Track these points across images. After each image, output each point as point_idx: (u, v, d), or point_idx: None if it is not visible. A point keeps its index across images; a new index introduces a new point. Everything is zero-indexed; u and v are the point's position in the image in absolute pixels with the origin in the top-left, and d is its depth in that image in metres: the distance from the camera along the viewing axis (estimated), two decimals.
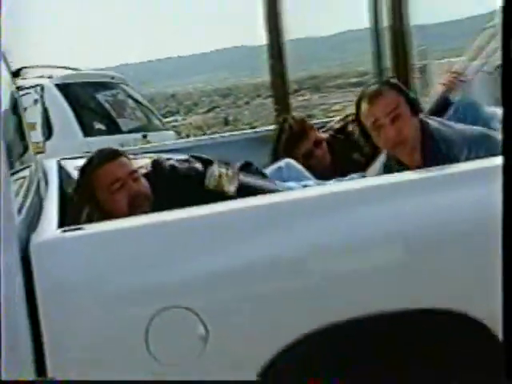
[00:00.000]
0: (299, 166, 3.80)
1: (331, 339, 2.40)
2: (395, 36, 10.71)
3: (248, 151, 4.08)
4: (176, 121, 30.58)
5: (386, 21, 10.50)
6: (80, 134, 7.85)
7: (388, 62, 11.02)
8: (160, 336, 2.28)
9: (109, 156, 3.03)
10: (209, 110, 34.03)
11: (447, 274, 2.48)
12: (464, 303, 2.48)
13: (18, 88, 7.31)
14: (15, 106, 3.78)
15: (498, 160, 1.90)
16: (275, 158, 3.96)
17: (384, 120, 3.03)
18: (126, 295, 2.31)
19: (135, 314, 2.31)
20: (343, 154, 3.91)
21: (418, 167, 2.96)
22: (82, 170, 3.11)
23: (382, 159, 3.33)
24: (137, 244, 2.35)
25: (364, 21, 11.27)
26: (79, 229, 2.35)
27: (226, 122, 30.22)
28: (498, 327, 2.44)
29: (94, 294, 2.29)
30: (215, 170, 2.70)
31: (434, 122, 3.21)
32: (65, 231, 2.34)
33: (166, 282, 2.32)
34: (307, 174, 3.76)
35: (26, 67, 8.16)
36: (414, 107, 3.13)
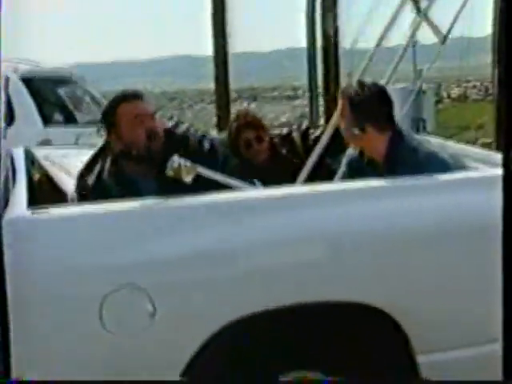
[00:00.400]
0: None
1: (254, 326, 2.52)
2: (327, 56, 10.97)
3: None
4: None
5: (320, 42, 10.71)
6: (40, 123, 8.00)
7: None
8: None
9: (132, 95, 3.16)
10: (155, 111, 33.83)
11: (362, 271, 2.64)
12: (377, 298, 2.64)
13: None
14: None
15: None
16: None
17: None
18: (83, 273, 2.39)
19: (91, 290, 2.39)
20: (282, 158, 3.99)
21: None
22: (111, 101, 3.21)
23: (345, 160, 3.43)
24: (95, 228, 2.45)
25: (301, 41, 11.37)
26: (46, 211, 2.43)
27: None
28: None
29: (53, 269, 2.37)
30: (175, 161, 2.78)
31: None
32: (33, 212, 2.41)
33: (121, 263, 2.42)
34: None
35: None
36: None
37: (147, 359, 2.44)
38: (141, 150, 3.06)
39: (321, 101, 11.40)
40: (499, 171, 2.20)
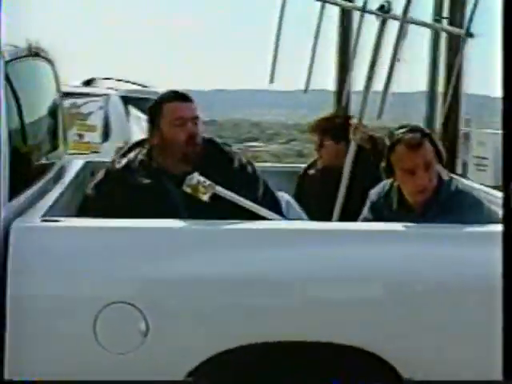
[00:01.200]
0: (296, 206, 3.68)
1: (240, 359, 2.48)
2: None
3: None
4: (256, 146, 30.79)
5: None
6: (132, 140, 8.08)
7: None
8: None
9: (181, 96, 3.20)
10: (287, 142, 34.14)
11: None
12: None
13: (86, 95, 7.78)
14: (54, 111, 3.93)
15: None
16: None
17: (420, 168, 2.99)
18: (80, 285, 2.42)
19: (86, 304, 2.41)
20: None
21: (421, 209, 3.02)
22: (160, 97, 3.28)
23: (382, 188, 3.27)
24: (98, 243, 2.47)
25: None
26: (56, 221, 2.48)
27: (300, 155, 30.22)
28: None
29: (52, 279, 2.41)
30: (195, 177, 2.79)
31: (455, 181, 3.19)
32: (44, 221, 2.45)
33: (117, 280, 2.43)
34: (303, 215, 3.64)
35: (97, 78, 8.48)
36: (440, 157, 3.09)
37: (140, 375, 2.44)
38: (176, 150, 3.09)
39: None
40: None
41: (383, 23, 4.31)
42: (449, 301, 2.54)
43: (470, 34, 4.11)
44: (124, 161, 3.16)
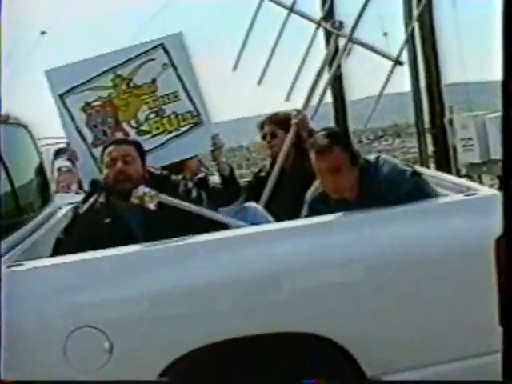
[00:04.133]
0: (265, 213, 3.73)
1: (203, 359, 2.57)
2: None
3: None
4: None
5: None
6: None
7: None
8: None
9: (117, 141, 3.35)
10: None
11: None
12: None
13: None
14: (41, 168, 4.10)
15: None
16: None
17: (327, 172, 3.01)
18: (49, 316, 2.54)
19: (56, 330, 2.53)
20: None
21: (354, 197, 3.02)
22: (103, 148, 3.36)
23: (308, 196, 3.27)
24: (59, 278, 2.60)
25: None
26: (20, 264, 2.60)
27: None
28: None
29: (25, 314, 2.53)
30: (140, 189, 2.89)
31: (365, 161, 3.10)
32: (9, 266, 2.59)
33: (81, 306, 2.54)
34: (270, 217, 3.67)
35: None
36: (355, 158, 3.04)
37: None
38: (111, 188, 3.19)
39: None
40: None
41: (335, 39, 4.46)
42: None
43: (398, 62, 4.25)
44: (86, 205, 3.27)
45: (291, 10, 4.46)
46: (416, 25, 10.32)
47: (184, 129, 3.78)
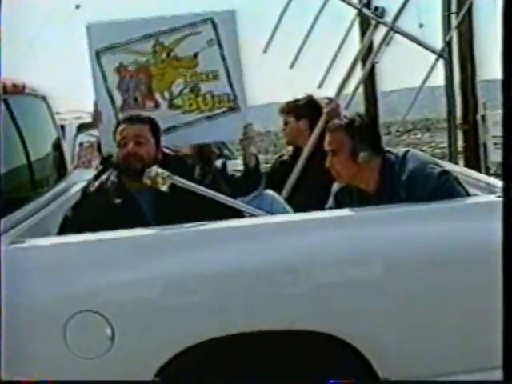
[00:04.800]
0: (282, 202, 3.58)
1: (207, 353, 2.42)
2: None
3: None
4: None
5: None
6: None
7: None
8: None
9: (129, 119, 3.12)
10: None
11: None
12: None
13: None
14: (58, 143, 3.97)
15: None
16: None
17: (328, 152, 2.88)
18: (49, 299, 2.38)
19: (56, 315, 2.38)
20: None
21: (376, 192, 2.84)
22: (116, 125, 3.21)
23: (334, 188, 3.09)
24: (61, 258, 2.45)
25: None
26: (22, 242, 2.46)
27: None
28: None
29: (24, 295, 2.38)
30: (153, 169, 2.72)
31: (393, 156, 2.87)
32: (11, 243, 2.45)
33: (82, 289, 2.38)
34: (288, 208, 3.52)
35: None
36: (373, 149, 2.84)
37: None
38: (121, 168, 3.04)
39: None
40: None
41: (374, 26, 4.27)
42: None
43: (441, 56, 4.06)
44: (97, 183, 3.12)
45: None
46: (454, 18, 10.07)
47: (218, 111, 3.57)
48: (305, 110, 3.95)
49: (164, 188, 2.70)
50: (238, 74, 3.56)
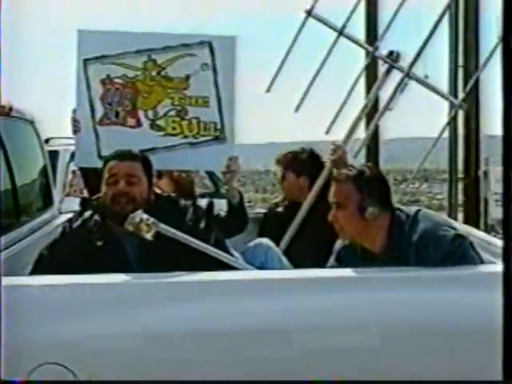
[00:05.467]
0: (278, 253, 3.30)
1: None
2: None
3: None
4: None
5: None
6: None
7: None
8: None
9: (121, 155, 2.86)
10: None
11: None
12: None
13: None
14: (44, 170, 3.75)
15: None
16: None
17: (333, 205, 2.62)
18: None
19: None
20: None
21: (382, 252, 2.59)
22: (104, 159, 2.97)
23: (337, 245, 2.83)
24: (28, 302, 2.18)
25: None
26: None
27: None
28: None
29: None
30: (137, 215, 2.45)
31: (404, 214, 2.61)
32: None
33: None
34: (284, 260, 3.25)
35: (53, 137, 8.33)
36: (381, 206, 2.59)
37: None
38: (107, 209, 2.77)
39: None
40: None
41: (388, 71, 4.06)
42: None
43: (461, 106, 3.86)
44: (79, 221, 2.85)
45: (341, 33, 4.07)
46: (460, 71, 9.97)
47: (202, 139, 3.35)
48: (306, 165, 3.68)
49: (148, 236, 2.44)
50: (229, 104, 3.36)
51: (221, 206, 3.59)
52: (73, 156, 6.83)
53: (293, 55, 4.20)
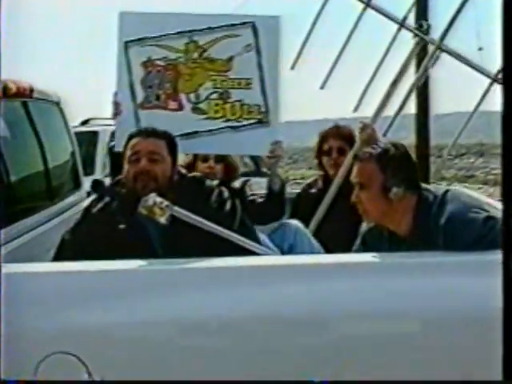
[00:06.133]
0: (307, 234, 3.20)
1: None
2: None
3: None
4: None
5: None
6: None
7: None
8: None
9: (145, 132, 2.78)
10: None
11: None
12: None
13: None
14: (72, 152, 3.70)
15: None
16: None
17: (356, 185, 2.49)
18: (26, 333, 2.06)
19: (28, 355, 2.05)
20: None
21: (408, 234, 2.44)
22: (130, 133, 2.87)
23: (363, 227, 2.69)
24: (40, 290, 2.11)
25: None
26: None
27: None
28: None
29: None
30: (151, 198, 2.32)
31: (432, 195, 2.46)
32: None
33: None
34: (314, 242, 3.15)
35: (93, 118, 8.33)
36: (407, 186, 2.44)
37: None
38: (129, 187, 2.68)
39: None
40: None
41: (417, 44, 3.86)
42: None
43: (496, 81, 3.63)
44: (101, 203, 2.74)
45: (368, 4, 3.86)
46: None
47: (245, 122, 3.24)
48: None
49: (162, 220, 2.30)
50: (273, 86, 3.23)
51: (260, 185, 3.51)
52: (113, 135, 6.86)
53: (316, 31, 4.00)
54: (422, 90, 10.06)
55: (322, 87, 3.92)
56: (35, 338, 2.04)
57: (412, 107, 10.73)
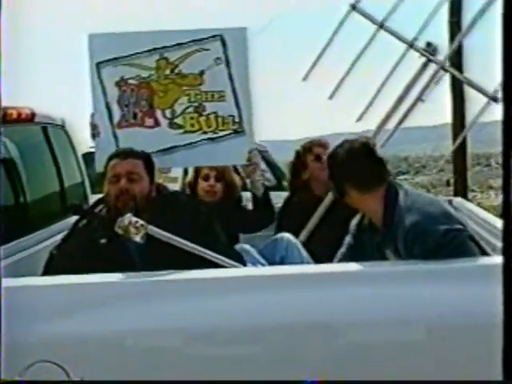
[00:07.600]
0: (298, 246, 3.28)
1: None
2: None
3: None
4: (406, 179, 29.78)
5: None
6: None
7: None
8: None
9: (122, 154, 2.91)
10: (436, 173, 32.80)
11: None
12: None
13: None
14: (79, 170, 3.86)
15: None
16: None
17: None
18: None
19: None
20: None
21: (382, 225, 2.58)
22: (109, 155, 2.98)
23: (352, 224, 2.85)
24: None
25: None
26: None
27: (448, 184, 28.94)
28: None
29: None
30: (126, 218, 2.42)
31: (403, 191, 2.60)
32: None
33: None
34: (305, 255, 3.24)
35: None
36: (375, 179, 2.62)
37: None
38: (112, 207, 2.81)
39: None
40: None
41: (425, 64, 3.98)
42: None
43: (494, 99, 3.71)
44: (85, 220, 2.90)
45: (381, 26, 4.00)
46: None
47: (221, 133, 3.35)
48: None
49: (137, 239, 2.40)
50: (245, 96, 3.33)
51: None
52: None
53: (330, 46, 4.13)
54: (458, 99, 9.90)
55: (330, 98, 4.03)
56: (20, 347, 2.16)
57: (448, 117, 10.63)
